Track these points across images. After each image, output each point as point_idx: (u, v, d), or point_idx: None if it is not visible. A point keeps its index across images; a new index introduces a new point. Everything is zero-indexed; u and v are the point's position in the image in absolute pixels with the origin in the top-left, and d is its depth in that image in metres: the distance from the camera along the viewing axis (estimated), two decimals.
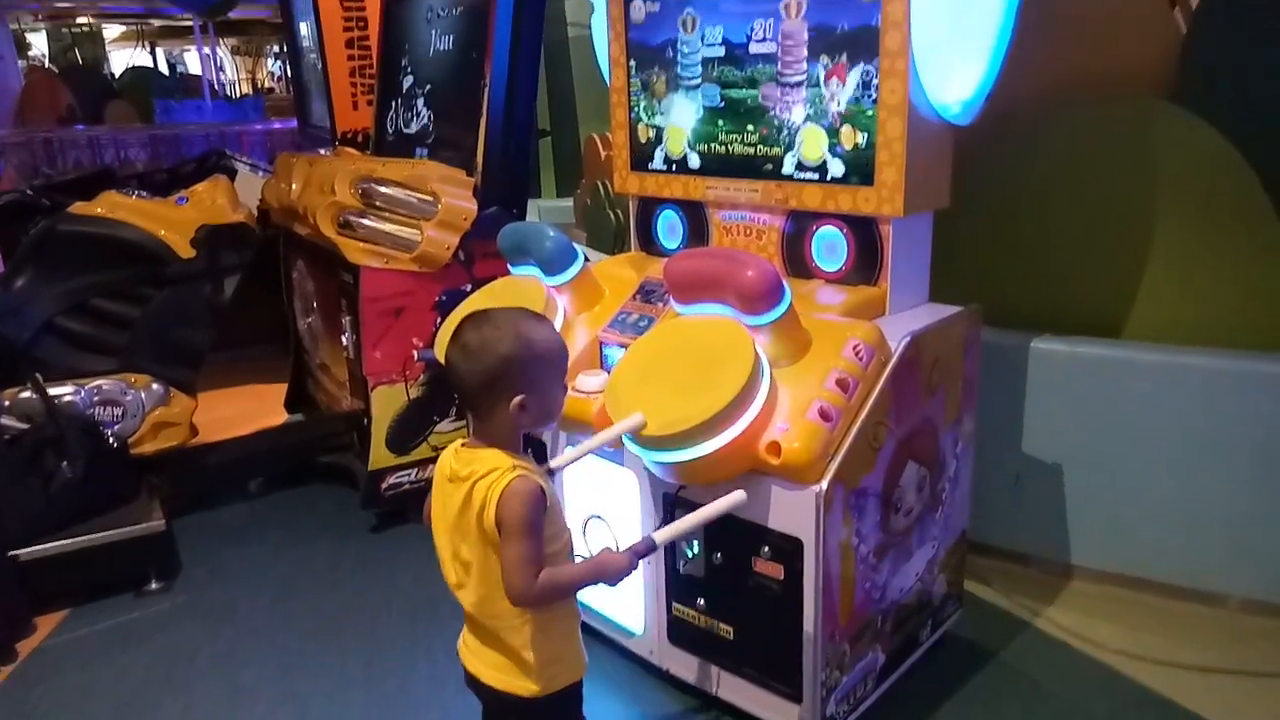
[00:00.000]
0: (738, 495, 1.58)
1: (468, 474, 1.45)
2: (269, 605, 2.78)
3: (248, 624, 2.68)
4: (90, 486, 2.82)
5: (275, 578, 2.94)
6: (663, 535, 1.54)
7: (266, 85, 17.45)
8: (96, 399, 3.03)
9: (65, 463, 2.80)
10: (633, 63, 2.46)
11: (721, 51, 2.23)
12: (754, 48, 2.16)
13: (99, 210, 3.18)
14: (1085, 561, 2.63)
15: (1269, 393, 2.32)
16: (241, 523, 3.32)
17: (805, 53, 2.06)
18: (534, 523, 1.40)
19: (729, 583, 1.97)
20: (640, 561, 1.50)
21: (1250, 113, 2.51)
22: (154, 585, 2.86)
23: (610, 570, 1.47)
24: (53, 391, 2.93)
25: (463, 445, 1.51)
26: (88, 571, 2.76)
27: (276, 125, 9.11)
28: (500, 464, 1.43)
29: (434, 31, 3.43)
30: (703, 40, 2.27)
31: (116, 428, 3.05)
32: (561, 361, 1.53)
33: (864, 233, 2.11)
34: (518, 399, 1.44)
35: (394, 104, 3.68)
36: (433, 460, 3.27)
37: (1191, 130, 2.49)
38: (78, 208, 3.18)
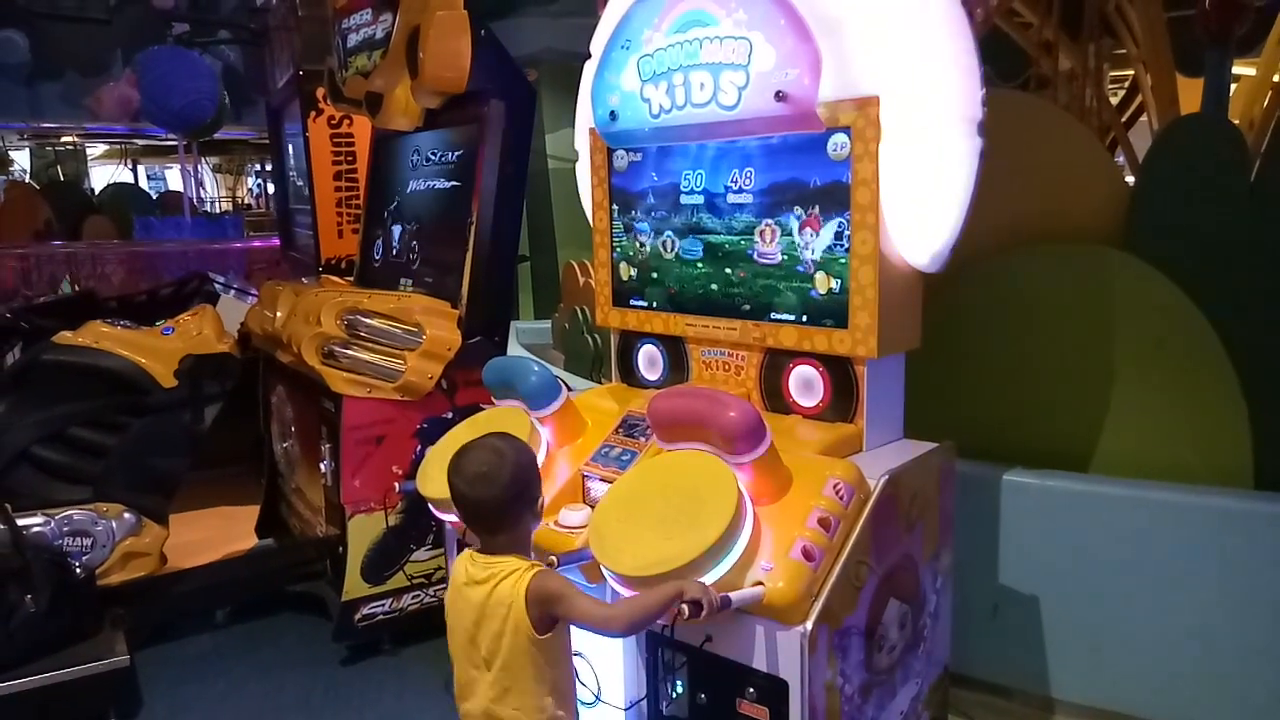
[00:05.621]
0: (758, 591, 1.74)
1: (487, 577, 1.66)
2: None
3: None
4: (53, 621, 2.73)
5: (240, 714, 2.84)
6: (736, 596, 1.71)
7: (246, 202, 17.75)
8: (66, 529, 2.97)
9: (29, 596, 2.72)
10: (615, 207, 2.58)
11: (701, 200, 2.35)
12: (732, 198, 2.28)
13: (83, 340, 3.19)
14: (1066, 695, 2.62)
15: (1235, 527, 2.39)
16: (207, 654, 3.22)
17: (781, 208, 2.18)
18: (574, 587, 1.65)
19: None
20: (709, 605, 1.63)
21: (1198, 260, 2.67)
22: None
23: (685, 593, 1.62)
24: (22, 522, 2.87)
25: (478, 552, 1.73)
26: (46, 711, 2.64)
27: (256, 244, 9.23)
28: (520, 565, 1.67)
29: (422, 167, 3.56)
30: (682, 188, 2.39)
31: (85, 558, 2.99)
32: None
33: (839, 371, 2.18)
34: (538, 503, 1.75)
35: (380, 234, 3.79)
36: (408, 590, 3.26)
37: (1142, 277, 2.65)
38: (62, 337, 3.19)
